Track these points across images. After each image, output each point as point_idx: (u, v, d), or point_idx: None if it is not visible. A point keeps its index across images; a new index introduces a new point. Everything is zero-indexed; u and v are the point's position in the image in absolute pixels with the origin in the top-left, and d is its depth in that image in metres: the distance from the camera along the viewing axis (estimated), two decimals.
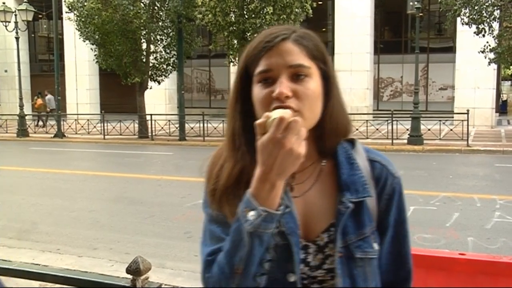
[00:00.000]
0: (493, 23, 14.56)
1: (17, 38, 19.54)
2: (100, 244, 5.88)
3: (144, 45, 18.03)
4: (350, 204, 1.08)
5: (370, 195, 1.11)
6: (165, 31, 17.94)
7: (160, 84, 19.16)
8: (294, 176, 1.09)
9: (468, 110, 14.57)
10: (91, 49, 18.81)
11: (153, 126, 17.78)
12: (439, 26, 24.26)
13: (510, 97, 35.61)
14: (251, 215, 0.97)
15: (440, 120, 15.49)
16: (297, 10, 15.31)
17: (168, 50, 18.29)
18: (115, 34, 16.68)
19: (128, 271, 1.82)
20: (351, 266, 1.08)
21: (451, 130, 14.83)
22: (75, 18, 17.10)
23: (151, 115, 18.02)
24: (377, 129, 15.80)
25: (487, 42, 14.89)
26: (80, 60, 25.37)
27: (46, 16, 25.39)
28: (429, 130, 15.05)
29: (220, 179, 1.10)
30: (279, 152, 0.95)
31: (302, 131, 0.96)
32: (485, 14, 14.29)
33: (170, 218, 6.93)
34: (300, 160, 0.97)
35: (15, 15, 19.40)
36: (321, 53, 1.10)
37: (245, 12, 15.45)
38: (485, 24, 14.47)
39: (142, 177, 10.40)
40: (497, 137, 16.05)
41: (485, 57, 15.09)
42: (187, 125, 17.62)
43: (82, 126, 19.41)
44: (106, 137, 18.01)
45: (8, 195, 8.80)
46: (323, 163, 1.13)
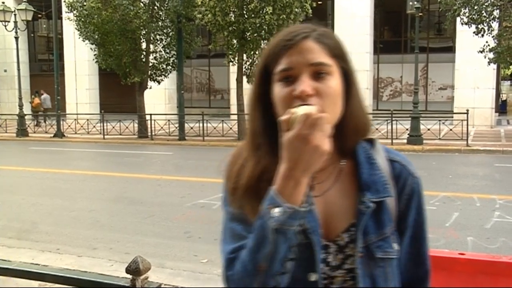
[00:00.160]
0: (493, 23, 14.57)
1: (17, 38, 19.54)
2: (100, 244, 5.88)
3: (144, 45, 18.04)
4: (371, 204, 1.08)
5: (391, 195, 1.11)
6: (165, 31, 17.95)
7: (160, 84, 19.17)
8: (314, 175, 1.08)
9: (468, 110, 14.59)
10: (91, 49, 18.81)
11: (153, 126, 17.78)
12: (439, 26, 24.27)
13: (510, 97, 35.63)
14: (276, 212, 0.97)
15: (440, 120, 15.50)
16: (297, 10, 15.30)
17: (168, 50, 18.29)
18: (115, 34, 16.68)
19: (128, 271, 1.82)
20: (372, 266, 1.08)
21: (451, 130, 14.84)
22: (75, 18, 17.10)
23: (151, 115, 18.02)
24: (377, 129, 15.79)
25: (487, 42, 14.90)
26: (80, 60, 25.37)
27: (46, 16, 25.39)
28: (429, 130, 15.06)
29: (241, 178, 1.09)
30: (305, 149, 0.95)
31: (327, 128, 0.96)
32: (485, 14, 14.30)
33: (170, 218, 6.93)
34: (325, 157, 0.97)
35: (15, 15, 19.39)
36: (342, 52, 1.10)
37: (245, 12, 15.44)
38: (485, 24, 14.48)
39: (142, 177, 10.40)
40: (497, 137, 16.06)
41: (485, 57, 15.10)
42: (187, 125, 17.62)
43: (82, 126, 19.41)
44: (106, 137, 18.01)
45: (8, 195, 8.80)
46: (343, 163, 1.13)
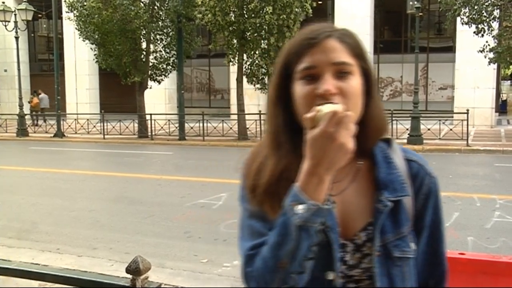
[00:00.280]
0: (493, 23, 14.56)
1: (17, 38, 19.53)
2: (100, 244, 5.88)
3: (144, 45, 18.04)
4: (389, 203, 1.08)
5: (408, 194, 1.11)
6: (165, 31, 17.95)
7: (160, 84, 19.17)
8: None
9: (468, 110, 14.58)
10: (91, 49, 18.81)
11: (153, 126, 17.78)
12: (439, 26, 24.27)
13: (510, 97, 35.62)
14: (300, 209, 0.97)
15: (440, 120, 15.49)
16: (297, 10, 15.30)
17: (168, 50, 18.29)
18: (115, 34, 16.69)
19: (128, 271, 1.82)
20: (389, 266, 1.08)
21: (451, 130, 14.84)
22: (75, 18, 17.10)
23: (151, 115, 18.02)
24: None
25: (487, 42, 14.89)
26: (80, 60, 25.37)
27: (46, 16, 25.38)
28: (429, 130, 15.06)
29: (262, 176, 1.10)
30: (330, 146, 0.95)
31: (352, 127, 0.97)
32: (485, 14, 14.30)
33: (170, 218, 6.93)
34: (349, 156, 0.97)
35: (15, 15, 19.39)
36: (362, 51, 1.10)
37: (245, 12, 15.45)
38: (485, 24, 14.47)
39: (142, 177, 10.40)
40: (497, 137, 16.06)
41: (485, 57, 15.10)
42: (187, 125, 17.62)
43: (82, 126, 19.41)
44: (106, 137, 18.01)
45: (8, 195, 8.80)
46: (360, 163, 1.13)
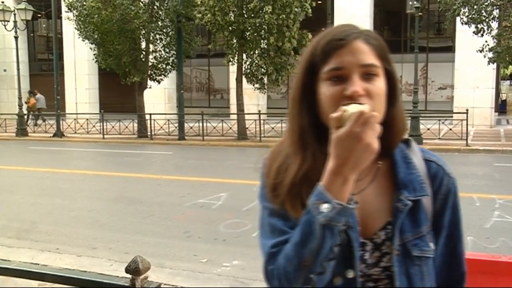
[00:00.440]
0: (492, 23, 14.56)
1: (16, 38, 19.52)
2: (100, 244, 5.88)
3: (144, 45, 18.02)
4: (409, 202, 1.09)
5: (427, 194, 1.12)
6: (165, 31, 17.93)
7: (160, 84, 19.15)
8: None
9: (468, 110, 14.58)
10: (91, 49, 18.80)
11: (153, 126, 17.77)
12: (439, 26, 24.26)
13: (510, 97, 35.62)
14: (325, 208, 0.98)
15: (440, 120, 15.49)
16: (297, 10, 15.29)
17: (168, 50, 18.28)
18: (114, 34, 16.67)
19: (128, 271, 1.82)
20: (408, 265, 1.09)
21: (450, 130, 14.84)
22: (74, 18, 17.09)
23: (151, 115, 18.01)
24: None
25: (486, 42, 14.89)
26: (80, 60, 25.35)
27: (45, 16, 25.37)
28: (429, 130, 15.06)
29: (285, 175, 1.10)
30: (356, 146, 0.96)
31: (378, 127, 0.98)
32: (484, 14, 14.29)
33: (170, 218, 6.93)
34: (374, 156, 0.98)
35: (14, 14, 19.37)
36: (386, 53, 1.11)
37: (244, 12, 15.44)
38: (484, 24, 14.47)
39: (142, 177, 10.40)
40: (496, 137, 16.06)
41: (484, 56, 15.09)
42: (187, 125, 17.61)
43: (81, 126, 19.40)
44: (106, 137, 18.00)
45: (8, 195, 8.79)
46: (379, 163, 1.14)
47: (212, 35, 17.47)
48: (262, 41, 15.63)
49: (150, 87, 18.86)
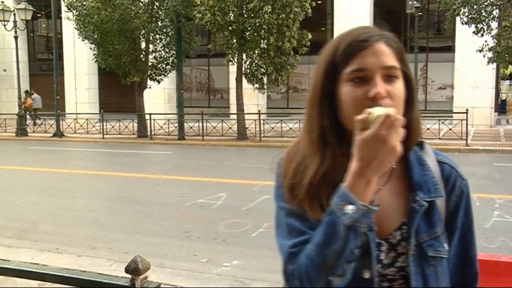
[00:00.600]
0: (492, 23, 14.56)
1: (16, 37, 19.52)
2: (99, 244, 5.88)
3: (143, 45, 18.02)
4: (425, 203, 1.10)
5: (442, 196, 1.14)
6: (164, 31, 17.93)
7: (159, 84, 19.15)
8: None
9: (467, 110, 14.58)
10: (90, 49, 18.80)
11: (152, 126, 17.77)
12: (438, 26, 24.26)
13: (509, 97, 35.62)
14: (350, 209, 0.99)
15: (439, 120, 15.49)
16: (296, 9, 15.29)
17: (167, 50, 18.27)
18: (114, 34, 16.67)
19: (127, 271, 1.82)
20: (424, 265, 1.10)
21: (450, 130, 14.84)
22: (74, 17, 17.08)
23: (150, 115, 18.01)
24: None
25: (486, 41, 14.89)
26: (79, 60, 25.35)
27: (45, 15, 25.33)
28: (428, 130, 15.05)
29: (304, 175, 1.11)
30: (381, 149, 0.97)
31: (402, 130, 0.98)
32: (484, 14, 14.30)
33: (169, 218, 6.93)
34: (396, 159, 0.99)
35: (14, 14, 19.38)
36: (404, 56, 1.12)
37: (244, 12, 15.44)
38: (484, 24, 14.47)
39: (141, 177, 10.39)
40: (496, 137, 16.06)
41: (484, 56, 15.10)
42: (186, 125, 17.60)
43: (81, 126, 19.40)
44: (105, 137, 18.00)
45: (7, 195, 8.79)
46: (394, 165, 1.14)
47: (212, 35, 17.47)
48: (262, 41, 15.62)
49: (150, 87, 18.86)
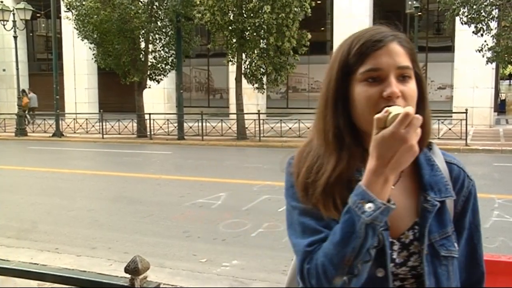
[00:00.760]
0: (491, 23, 14.57)
1: (15, 37, 19.50)
2: (99, 244, 5.88)
3: (143, 44, 18.01)
4: (437, 203, 1.11)
5: (453, 196, 1.14)
6: (164, 30, 17.92)
7: (159, 83, 19.14)
8: None
9: (467, 110, 14.59)
10: (90, 48, 18.79)
11: (152, 125, 17.76)
12: (438, 26, 24.25)
13: (509, 97, 35.65)
14: (369, 207, 0.99)
15: (439, 120, 15.47)
16: (296, 9, 15.29)
17: (167, 49, 18.27)
18: (114, 33, 16.66)
19: (127, 271, 1.82)
20: (436, 265, 1.11)
21: (450, 130, 14.85)
22: (74, 17, 17.07)
23: (150, 114, 18.01)
24: None
25: (485, 41, 14.90)
26: (79, 59, 25.34)
27: (45, 15, 25.33)
28: None
29: (319, 175, 1.11)
30: (400, 147, 0.97)
31: (419, 130, 0.99)
32: (484, 14, 14.30)
33: (169, 217, 6.93)
34: (414, 157, 1.00)
35: (13, 14, 19.36)
36: (416, 57, 1.13)
37: (244, 11, 15.44)
38: (484, 24, 14.48)
39: (141, 176, 10.39)
40: (496, 136, 16.07)
41: (483, 56, 15.10)
42: (186, 124, 17.60)
43: (81, 125, 19.39)
44: (105, 136, 17.99)
45: (7, 195, 8.78)
46: None
47: (212, 35, 17.47)
48: (262, 41, 15.62)
49: (150, 87, 18.86)
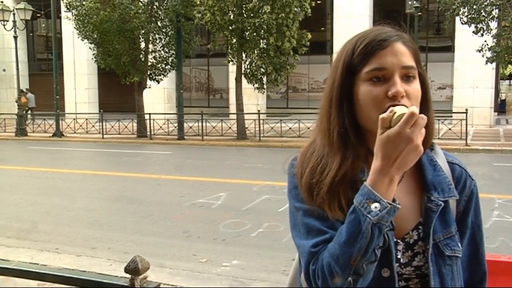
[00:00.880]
0: (491, 23, 14.56)
1: (15, 37, 19.51)
2: (99, 244, 5.88)
3: (143, 44, 18.02)
4: (441, 203, 1.11)
5: (456, 196, 1.14)
6: (164, 30, 17.93)
7: (159, 83, 19.15)
8: None
9: (467, 110, 14.59)
10: (90, 48, 18.79)
11: (152, 125, 17.76)
12: (438, 26, 24.25)
13: (509, 96, 35.65)
14: (375, 207, 0.99)
15: (439, 120, 15.45)
16: (296, 9, 15.29)
17: (167, 49, 18.27)
18: (114, 33, 16.66)
19: (127, 271, 1.82)
20: (440, 264, 1.11)
21: (450, 130, 14.85)
22: (73, 17, 17.07)
23: (150, 114, 18.01)
24: None
25: (485, 41, 14.90)
26: (79, 59, 25.35)
27: (45, 15, 25.33)
28: None
29: (324, 175, 1.11)
30: (406, 147, 0.97)
31: (424, 129, 0.99)
32: (484, 14, 14.30)
33: (169, 217, 6.93)
34: (419, 157, 1.00)
35: (13, 14, 19.36)
36: (419, 57, 1.13)
37: (244, 11, 15.44)
38: (484, 24, 14.48)
39: (141, 176, 10.39)
40: (496, 136, 16.07)
41: (483, 56, 15.10)
42: (186, 124, 17.61)
43: (81, 125, 19.40)
44: (105, 136, 17.99)
45: (7, 194, 8.79)
46: None
47: (212, 35, 17.47)
48: (262, 41, 15.62)
49: (150, 87, 18.86)
